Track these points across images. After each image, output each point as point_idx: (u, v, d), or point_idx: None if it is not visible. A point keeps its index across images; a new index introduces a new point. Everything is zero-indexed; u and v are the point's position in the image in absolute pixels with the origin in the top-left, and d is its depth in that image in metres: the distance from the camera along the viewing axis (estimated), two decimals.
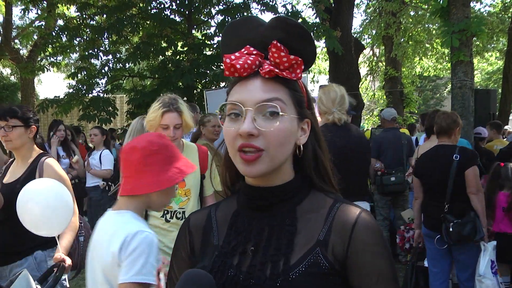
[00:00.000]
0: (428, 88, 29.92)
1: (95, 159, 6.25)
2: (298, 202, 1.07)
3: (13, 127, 2.76)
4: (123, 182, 1.79)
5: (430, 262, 3.99)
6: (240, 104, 1.00)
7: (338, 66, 11.17)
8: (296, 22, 1.03)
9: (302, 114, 1.06)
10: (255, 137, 0.99)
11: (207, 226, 1.13)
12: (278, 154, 1.01)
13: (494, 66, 23.42)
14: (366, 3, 17.79)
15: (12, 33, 17.09)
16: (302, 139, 1.07)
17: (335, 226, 1.01)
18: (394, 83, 16.52)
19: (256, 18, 1.08)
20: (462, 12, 6.26)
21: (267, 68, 1.00)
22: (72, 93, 9.36)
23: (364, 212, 1.03)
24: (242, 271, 1.01)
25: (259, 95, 1.00)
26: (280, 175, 1.06)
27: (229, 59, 1.01)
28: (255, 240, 1.04)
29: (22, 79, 15.94)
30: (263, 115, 1.00)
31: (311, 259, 0.98)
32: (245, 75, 1.01)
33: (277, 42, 1.01)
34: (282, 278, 0.96)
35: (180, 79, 8.70)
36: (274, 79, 1.01)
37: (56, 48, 10.13)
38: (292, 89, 1.04)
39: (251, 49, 1.04)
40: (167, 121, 2.72)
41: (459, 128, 3.92)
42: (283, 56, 1.00)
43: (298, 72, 1.03)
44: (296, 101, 1.04)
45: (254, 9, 10.07)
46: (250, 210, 1.08)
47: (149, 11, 9.97)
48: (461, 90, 6.35)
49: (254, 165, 1.00)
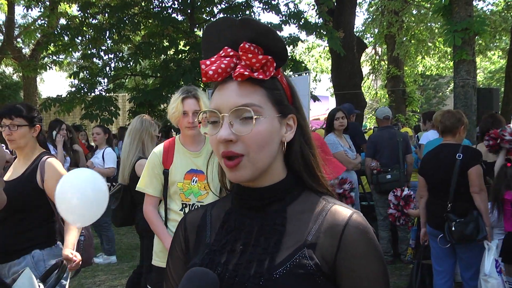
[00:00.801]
0: (431, 87, 29.88)
1: (98, 158, 6.25)
2: (289, 202, 1.06)
3: (18, 126, 2.72)
4: None
5: (434, 261, 3.98)
6: (217, 111, 1.00)
7: (340, 65, 11.16)
8: (259, 22, 1.02)
9: (283, 112, 1.05)
10: (234, 143, 0.98)
11: (202, 224, 1.13)
12: (259, 157, 1.00)
13: (497, 65, 23.40)
14: (369, 2, 17.77)
15: (14, 32, 17.13)
16: (288, 135, 1.06)
17: (325, 227, 1.00)
18: (397, 82, 16.51)
19: (228, 18, 1.06)
20: (465, 10, 6.24)
21: (237, 72, 0.99)
22: (74, 91, 9.37)
23: (355, 214, 1.01)
24: (228, 269, 1.00)
25: (234, 100, 0.99)
26: (269, 176, 1.05)
27: (204, 65, 1.01)
28: (244, 239, 1.04)
29: (24, 77, 15.98)
30: (240, 119, 0.99)
31: (296, 259, 0.97)
32: (220, 79, 1.01)
33: (245, 44, 1.00)
34: (266, 277, 0.95)
35: (182, 78, 8.71)
36: (249, 81, 1.00)
37: (59, 46, 10.14)
38: (270, 88, 1.03)
39: (228, 50, 1.03)
40: (186, 107, 2.77)
41: (464, 127, 3.89)
42: (252, 57, 0.99)
43: (271, 70, 1.02)
44: (275, 100, 1.03)
45: (256, 8, 10.07)
46: (242, 209, 1.08)
47: (151, 10, 9.97)
48: (464, 89, 6.34)
49: (236, 171, 1.00)
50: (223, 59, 1.02)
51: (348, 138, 5.49)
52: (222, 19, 1.07)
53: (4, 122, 2.73)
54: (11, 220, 2.71)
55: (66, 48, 10.23)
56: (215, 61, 1.01)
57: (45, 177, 2.73)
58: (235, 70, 1.00)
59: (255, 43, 1.01)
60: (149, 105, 9.23)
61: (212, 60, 1.02)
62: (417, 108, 18.18)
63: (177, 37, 9.76)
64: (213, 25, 1.08)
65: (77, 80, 9.63)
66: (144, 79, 10.91)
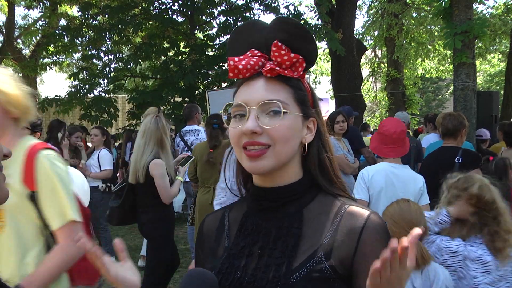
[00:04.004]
0: (430, 90, 29.88)
1: (93, 159, 6.22)
2: (305, 203, 1.07)
3: None
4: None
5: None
6: (244, 104, 1.02)
7: (340, 68, 11.17)
8: (296, 22, 1.05)
9: (306, 113, 1.07)
10: (259, 135, 1.00)
11: (220, 227, 1.15)
12: (283, 150, 1.02)
13: (497, 68, 23.43)
14: (369, 5, 17.80)
15: (14, 33, 17.14)
16: (308, 138, 1.08)
17: (341, 229, 1.01)
18: (396, 85, 16.50)
19: (260, 21, 1.10)
20: (465, 14, 6.25)
21: (268, 67, 1.01)
22: (73, 92, 9.37)
23: (373, 214, 1.03)
24: (247, 273, 1.02)
25: (262, 94, 1.01)
26: (287, 175, 1.07)
27: (232, 61, 1.03)
28: (262, 242, 1.05)
29: (24, 77, 15.97)
30: (267, 114, 1.01)
31: (313, 264, 0.98)
32: (248, 75, 1.03)
33: (277, 42, 1.02)
34: (283, 281, 0.97)
35: (182, 79, 8.71)
36: (277, 79, 1.03)
37: (58, 47, 10.14)
38: (296, 87, 1.05)
39: (256, 52, 1.05)
40: None
41: (465, 130, 3.88)
42: (283, 54, 1.02)
43: (300, 70, 1.05)
44: (299, 100, 1.05)
45: (256, 10, 10.08)
46: (258, 212, 1.09)
47: (151, 12, 9.98)
48: (463, 92, 6.35)
49: (258, 160, 1.01)
50: (251, 57, 1.04)
51: (347, 142, 5.48)
52: (253, 22, 1.11)
53: None
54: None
55: (66, 49, 10.23)
56: (244, 58, 1.04)
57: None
58: (265, 66, 1.03)
59: (286, 44, 1.03)
60: (148, 106, 9.22)
61: (241, 57, 1.05)
62: (417, 111, 18.17)
63: (177, 39, 9.76)
64: (241, 28, 1.11)
65: (77, 81, 9.61)
66: (144, 80, 10.90)
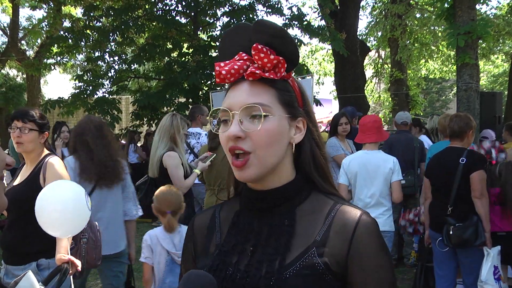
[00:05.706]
0: (434, 91, 29.82)
1: None
2: (298, 203, 1.08)
3: (29, 130, 2.79)
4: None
5: (436, 265, 3.96)
6: (228, 109, 1.04)
7: (343, 68, 11.17)
8: (274, 24, 1.06)
9: (293, 113, 1.07)
10: (243, 140, 1.02)
11: (211, 225, 1.16)
12: (267, 155, 1.03)
13: (500, 69, 23.37)
14: (372, 5, 17.78)
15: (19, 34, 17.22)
16: (297, 138, 1.09)
17: (334, 227, 1.03)
18: (400, 85, 16.48)
19: (246, 24, 1.10)
20: (468, 14, 6.24)
21: (249, 71, 1.03)
22: (76, 93, 9.39)
23: (364, 214, 1.04)
24: (239, 269, 1.03)
25: (244, 98, 1.03)
26: (277, 177, 1.08)
27: (218, 66, 1.05)
28: (254, 240, 1.06)
29: (28, 79, 16.04)
30: (250, 117, 1.02)
31: (306, 259, 1.00)
32: (233, 80, 1.05)
33: (257, 45, 1.04)
34: (276, 277, 0.98)
35: (186, 80, 8.71)
36: (260, 81, 1.04)
37: (62, 48, 10.17)
38: (280, 89, 1.06)
39: (243, 55, 1.07)
40: None
41: (472, 131, 3.86)
42: (263, 57, 1.03)
43: (282, 71, 1.05)
44: (284, 101, 1.06)
45: (259, 11, 10.07)
46: (251, 210, 1.10)
47: (154, 13, 9.99)
48: (467, 93, 6.34)
49: (244, 169, 1.03)
50: (236, 61, 1.06)
51: (351, 143, 5.49)
52: (237, 26, 1.11)
53: (16, 123, 2.81)
54: (18, 223, 2.79)
55: (70, 50, 10.26)
56: (229, 63, 1.05)
57: (46, 176, 2.78)
58: (247, 70, 1.04)
59: (268, 46, 1.04)
60: (152, 107, 9.24)
61: (226, 62, 1.06)
62: (421, 111, 18.14)
63: (180, 40, 9.77)
64: (229, 32, 1.12)
65: (81, 82, 9.64)
66: (148, 81, 10.91)
